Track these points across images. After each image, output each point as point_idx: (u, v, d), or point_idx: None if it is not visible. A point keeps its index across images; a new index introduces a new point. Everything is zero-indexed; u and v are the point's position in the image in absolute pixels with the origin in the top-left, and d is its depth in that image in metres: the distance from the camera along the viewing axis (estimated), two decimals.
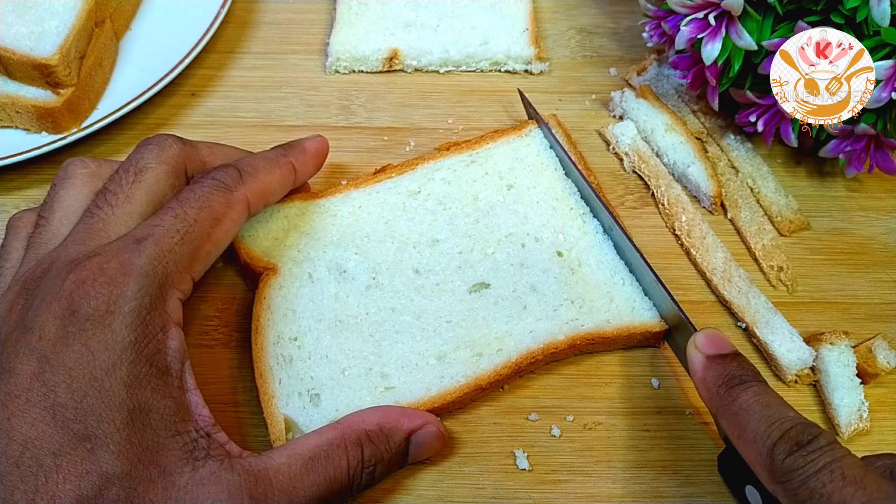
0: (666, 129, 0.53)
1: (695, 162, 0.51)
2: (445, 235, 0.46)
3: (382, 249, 0.45)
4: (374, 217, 0.47)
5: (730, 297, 0.46)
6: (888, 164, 0.48)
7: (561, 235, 0.47)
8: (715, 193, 0.50)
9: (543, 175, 0.49)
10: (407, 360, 0.42)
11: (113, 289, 0.32)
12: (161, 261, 0.34)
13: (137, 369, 0.32)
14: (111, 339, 0.32)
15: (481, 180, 0.49)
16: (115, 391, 0.31)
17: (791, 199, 0.52)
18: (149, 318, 0.33)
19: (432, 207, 0.47)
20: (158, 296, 0.34)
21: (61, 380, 0.30)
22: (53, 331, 0.31)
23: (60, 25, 0.50)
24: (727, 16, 0.46)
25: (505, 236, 0.46)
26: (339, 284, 0.44)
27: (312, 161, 0.46)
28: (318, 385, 0.40)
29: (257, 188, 0.40)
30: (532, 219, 0.47)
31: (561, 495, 0.40)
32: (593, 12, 0.64)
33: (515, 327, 0.43)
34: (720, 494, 0.40)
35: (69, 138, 0.50)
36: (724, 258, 0.48)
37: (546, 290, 0.44)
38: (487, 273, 0.45)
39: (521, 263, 0.45)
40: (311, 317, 0.43)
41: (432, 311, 0.43)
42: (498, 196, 0.48)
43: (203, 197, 0.37)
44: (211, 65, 0.58)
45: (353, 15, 0.60)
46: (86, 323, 0.31)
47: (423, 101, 0.57)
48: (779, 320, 0.45)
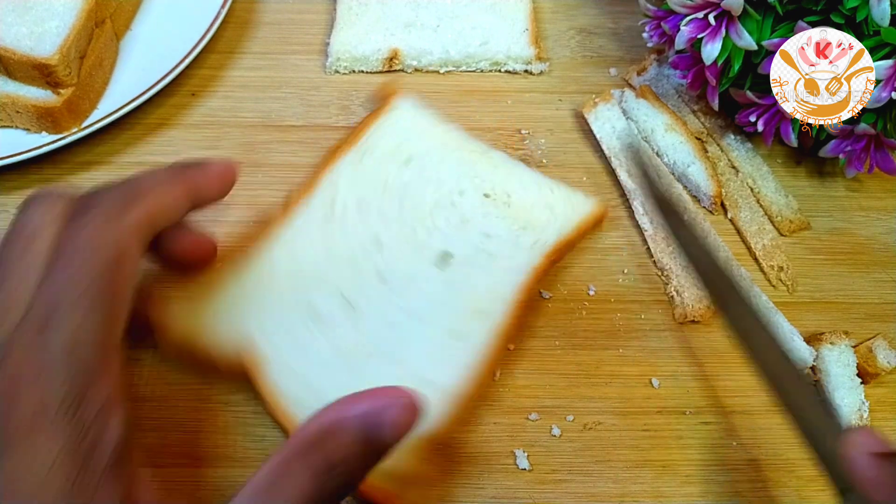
0: (666, 129, 0.53)
1: (695, 162, 0.51)
2: (382, 230, 0.46)
3: (339, 273, 0.44)
4: (311, 247, 0.44)
5: None
6: (888, 164, 0.48)
7: (477, 179, 0.48)
8: (715, 193, 0.50)
9: (430, 135, 0.51)
10: (426, 351, 0.41)
11: (35, 391, 0.29)
12: (77, 343, 0.30)
13: (76, 470, 0.28)
14: (43, 445, 0.28)
15: (381, 167, 0.49)
16: (57, 501, 0.28)
17: (791, 199, 0.52)
18: (82, 410, 0.29)
19: (354, 212, 0.46)
20: (86, 381, 0.29)
21: (4, 496, 0.27)
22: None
23: (60, 25, 0.50)
24: (727, 16, 0.46)
25: (433, 205, 0.47)
26: (322, 328, 0.42)
27: (216, 184, 0.39)
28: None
29: (147, 209, 0.34)
30: (445, 178, 0.48)
31: (561, 495, 0.40)
32: (593, 12, 0.64)
33: (497, 275, 0.44)
34: (720, 494, 0.40)
35: (69, 138, 0.50)
36: (724, 258, 0.48)
37: (499, 232, 0.46)
38: (441, 244, 0.45)
39: (462, 220, 0.46)
40: (320, 366, 0.40)
41: (420, 302, 0.43)
42: (403, 173, 0.49)
43: (90, 241, 0.31)
44: (211, 65, 0.58)
45: (353, 15, 0.60)
46: (14, 437, 0.28)
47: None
48: (779, 320, 0.45)
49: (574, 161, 0.54)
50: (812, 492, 0.41)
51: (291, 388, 0.39)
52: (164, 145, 0.54)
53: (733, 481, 0.41)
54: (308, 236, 0.45)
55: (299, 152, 0.53)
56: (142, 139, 0.54)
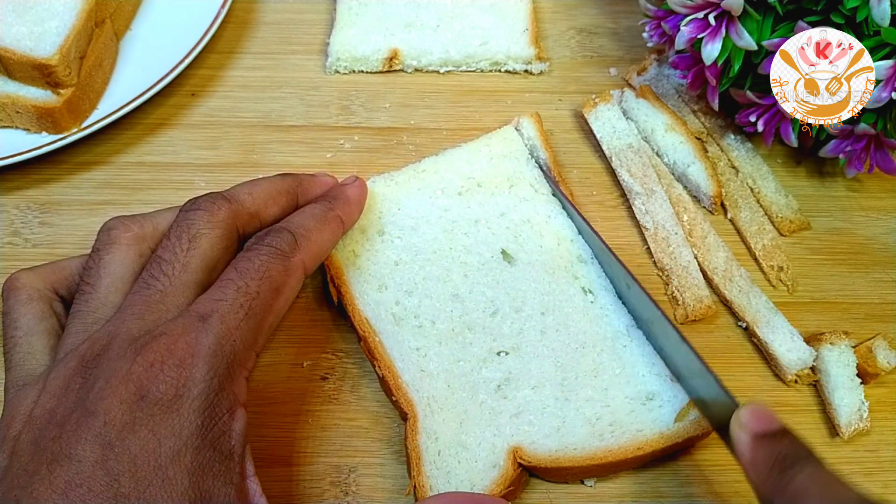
0: (666, 129, 0.53)
1: (695, 162, 0.51)
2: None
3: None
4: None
5: (731, 296, 0.46)
6: (888, 164, 0.48)
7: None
8: (715, 193, 0.50)
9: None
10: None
11: (182, 371, 0.31)
12: (228, 339, 0.33)
13: (202, 456, 0.30)
14: (178, 424, 0.30)
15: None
16: (179, 480, 0.30)
17: (791, 199, 0.52)
18: (216, 401, 0.32)
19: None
20: (227, 377, 0.32)
21: (126, 468, 0.29)
22: (120, 416, 0.30)
23: (60, 25, 0.50)
24: (727, 16, 0.46)
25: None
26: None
27: (357, 209, 0.45)
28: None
29: (312, 251, 0.39)
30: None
31: (561, 495, 0.40)
32: (593, 12, 0.64)
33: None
34: (720, 495, 0.40)
35: (69, 138, 0.50)
36: (725, 258, 0.48)
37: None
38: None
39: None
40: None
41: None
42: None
43: (262, 267, 0.36)
44: (211, 65, 0.58)
45: (353, 15, 0.60)
46: (154, 408, 0.30)
47: (423, 101, 0.57)
48: (779, 320, 0.45)
49: (574, 161, 0.54)
50: None
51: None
52: (164, 145, 0.54)
53: (733, 481, 0.41)
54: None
55: (299, 152, 0.53)
56: (142, 139, 0.54)
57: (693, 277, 0.47)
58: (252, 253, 0.36)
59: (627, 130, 0.53)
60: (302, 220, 0.40)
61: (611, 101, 0.54)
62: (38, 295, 0.36)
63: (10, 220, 0.49)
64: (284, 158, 0.53)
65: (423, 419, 0.39)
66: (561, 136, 0.55)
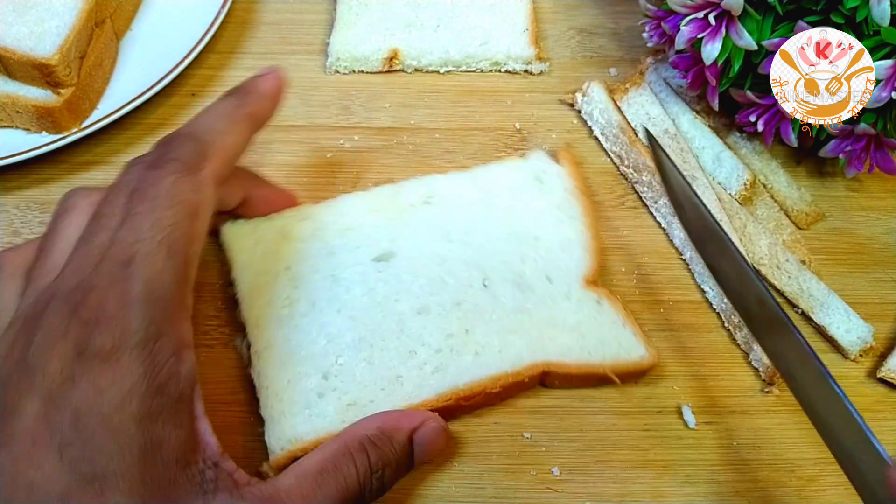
0: (695, 115, 0.53)
1: (725, 149, 0.51)
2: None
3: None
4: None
5: (781, 285, 0.46)
6: (888, 164, 0.48)
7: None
8: (749, 179, 0.50)
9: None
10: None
11: (116, 324, 0.31)
12: (157, 283, 0.32)
13: (149, 402, 0.30)
14: (119, 375, 0.30)
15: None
16: (126, 428, 0.30)
17: (804, 192, 0.51)
18: (158, 348, 0.31)
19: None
20: (165, 320, 0.32)
21: (67, 419, 0.29)
22: (58, 370, 0.30)
23: (60, 25, 0.50)
24: (727, 16, 0.46)
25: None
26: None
27: (271, 104, 0.40)
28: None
29: (222, 158, 0.36)
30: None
31: (561, 495, 0.40)
32: (593, 12, 0.64)
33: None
34: (720, 494, 0.40)
35: (69, 138, 0.50)
36: (768, 244, 0.47)
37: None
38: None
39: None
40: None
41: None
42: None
43: (171, 189, 0.33)
44: (211, 65, 0.58)
45: (353, 15, 0.60)
46: (93, 362, 0.30)
47: (423, 101, 0.57)
48: (833, 300, 0.45)
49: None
50: (812, 492, 0.41)
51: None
52: None
53: (733, 481, 0.41)
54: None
55: (299, 152, 0.53)
56: (142, 139, 0.54)
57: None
58: (158, 172, 0.34)
59: (663, 116, 0.52)
60: (207, 121, 0.37)
61: (642, 86, 0.53)
62: (18, 272, 0.36)
63: (10, 219, 0.49)
64: (284, 158, 0.53)
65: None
66: (561, 135, 0.55)
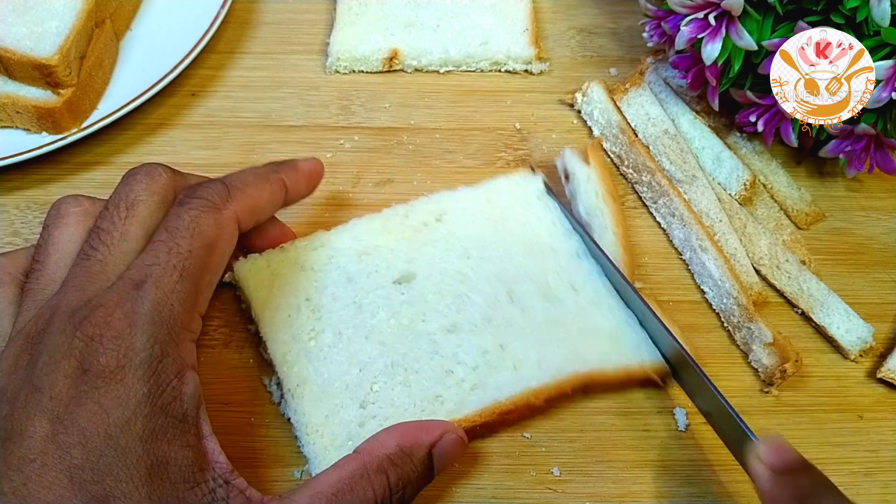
0: (695, 116, 0.53)
1: (725, 149, 0.51)
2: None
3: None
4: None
5: (781, 285, 0.46)
6: (888, 164, 0.48)
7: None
8: (749, 179, 0.50)
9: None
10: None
11: (121, 342, 0.31)
12: (165, 304, 0.32)
13: (153, 422, 0.31)
14: (124, 394, 0.30)
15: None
16: (132, 448, 0.30)
17: (804, 192, 0.51)
18: (161, 367, 0.32)
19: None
20: (169, 342, 0.32)
21: (76, 440, 0.29)
22: (65, 390, 0.30)
23: (60, 25, 0.50)
24: (727, 16, 0.46)
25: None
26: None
27: (305, 181, 0.43)
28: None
29: (246, 203, 0.38)
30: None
31: (561, 495, 0.40)
32: (593, 12, 0.64)
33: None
34: (720, 494, 0.40)
35: (69, 138, 0.50)
36: (768, 244, 0.48)
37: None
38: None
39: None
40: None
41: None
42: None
43: (192, 223, 0.35)
44: (211, 65, 0.58)
45: (353, 15, 0.60)
46: (97, 380, 0.30)
47: (423, 101, 0.57)
48: (833, 300, 0.45)
49: None
50: None
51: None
52: (164, 145, 0.54)
53: (733, 481, 0.41)
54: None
55: (299, 152, 0.53)
56: (142, 139, 0.54)
57: (741, 265, 0.47)
58: (182, 208, 0.36)
59: (662, 116, 0.52)
60: (239, 174, 0.39)
61: (642, 86, 0.53)
62: (9, 279, 0.36)
63: (10, 220, 0.49)
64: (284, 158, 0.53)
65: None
66: (561, 135, 0.55)
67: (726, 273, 0.45)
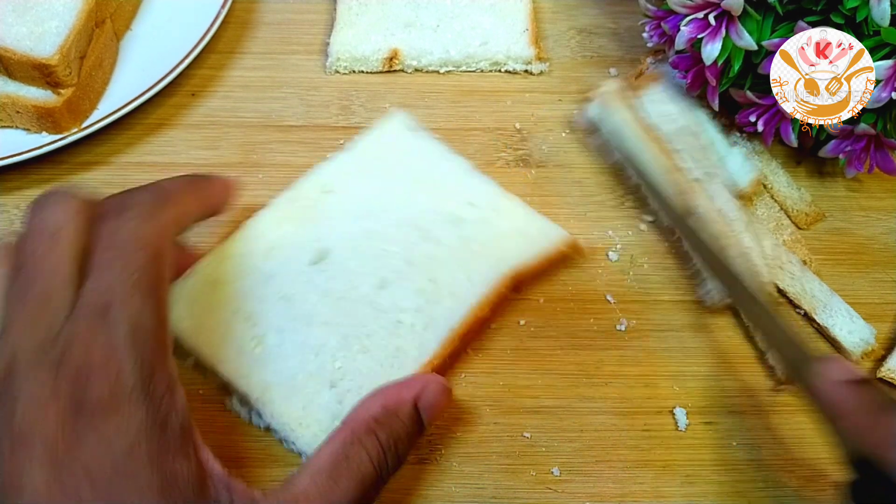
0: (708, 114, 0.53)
1: (731, 148, 0.51)
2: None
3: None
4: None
5: (783, 285, 0.46)
6: (888, 164, 0.48)
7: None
8: (755, 177, 0.50)
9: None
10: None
11: (109, 371, 0.30)
12: (139, 324, 0.31)
13: (156, 441, 0.30)
14: (124, 421, 0.30)
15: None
16: (141, 472, 0.29)
17: (804, 192, 0.51)
18: (153, 386, 0.31)
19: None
20: (153, 359, 0.31)
21: (82, 479, 0.29)
22: (59, 434, 0.29)
23: (60, 25, 0.50)
24: (727, 16, 0.46)
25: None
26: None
27: (222, 198, 0.41)
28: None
29: (178, 211, 0.36)
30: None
31: (561, 495, 0.40)
32: (593, 12, 0.64)
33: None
34: (720, 494, 0.40)
35: (69, 138, 0.50)
36: (771, 245, 0.47)
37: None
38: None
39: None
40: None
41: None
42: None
43: (134, 234, 0.33)
44: (211, 65, 0.58)
45: (353, 15, 0.60)
46: (94, 415, 0.29)
47: (423, 101, 0.57)
48: (836, 302, 0.45)
49: (574, 161, 0.54)
50: (812, 492, 0.41)
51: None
52: (164, 145, 0.54)
53: (733, 481, 0.41)
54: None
55: (299, 152, 0.53)
56: (142, 139, 0.54)
57: (755, 264, 0.46)
58: (118, 222, 0.34)
59: (679, 113, 0.52)
60: (164, 181, 0.38)
61: (659, 83, 0.53)
62: None
63: (10, 220, 0.49)
64: (284, 158, 0.53)
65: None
66: (561, 135, 0.55)
67: (748, 271, 0.45)
